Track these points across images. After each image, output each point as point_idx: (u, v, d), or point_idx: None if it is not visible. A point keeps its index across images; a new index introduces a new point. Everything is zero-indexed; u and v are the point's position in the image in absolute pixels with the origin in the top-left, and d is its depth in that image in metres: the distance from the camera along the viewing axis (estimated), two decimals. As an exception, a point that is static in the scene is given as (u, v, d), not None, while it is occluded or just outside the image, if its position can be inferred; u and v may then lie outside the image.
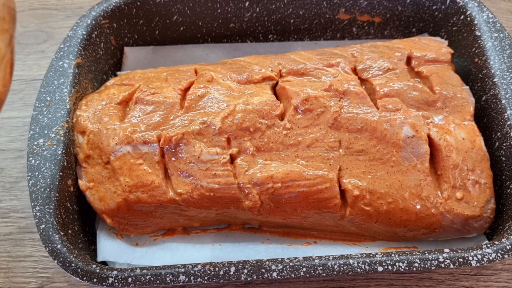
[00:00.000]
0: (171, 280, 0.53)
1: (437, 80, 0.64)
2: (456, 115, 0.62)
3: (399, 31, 0.80)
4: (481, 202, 0.59)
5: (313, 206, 0.59)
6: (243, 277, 0.53)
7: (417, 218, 0.59)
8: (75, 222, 0.61)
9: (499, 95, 0.63)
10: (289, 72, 0.66)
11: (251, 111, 0.60)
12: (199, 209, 0.60)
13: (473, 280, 0.65)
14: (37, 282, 0.66)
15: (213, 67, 0.68)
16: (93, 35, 0.70)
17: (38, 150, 0.60)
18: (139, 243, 0.64)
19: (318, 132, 0.60)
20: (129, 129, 0.60)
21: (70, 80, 0.65)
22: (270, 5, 0.76)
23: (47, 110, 0.62)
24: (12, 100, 0.82)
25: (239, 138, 0.60)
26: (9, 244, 0.69)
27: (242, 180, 0.58)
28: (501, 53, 0.66)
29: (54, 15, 0.92)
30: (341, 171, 0.59)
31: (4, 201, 0.72)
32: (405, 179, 0.59)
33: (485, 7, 0.70)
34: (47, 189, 0.57)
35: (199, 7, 0.75)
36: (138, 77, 0.68)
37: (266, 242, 0.64)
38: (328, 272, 0.53)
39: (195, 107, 0.62)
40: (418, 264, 0.53)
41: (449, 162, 0.59)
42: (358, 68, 0.65)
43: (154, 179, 0.59)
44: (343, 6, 0.77)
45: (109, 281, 0.53)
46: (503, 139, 0.62)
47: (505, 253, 0.53)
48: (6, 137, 0.78)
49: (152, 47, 0.78)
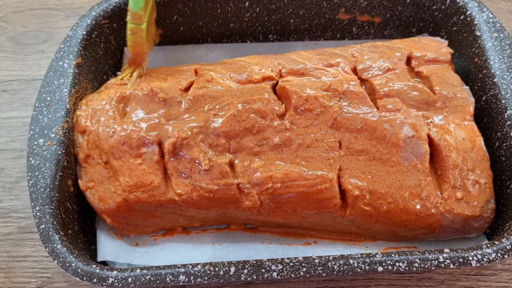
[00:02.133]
0: (171, 280, 0.53)
1: (437, 80, 0.64)
2: (456, 115, 0.62)
3: (399, 31, 0.80)
4: (481, 202, 0.59)
5: (313, 206, 0.59)
6: (243, 277, 0.53)
7: (417, 218, 0.59)
8: (75, 222, 0.61)
9: (499, 95, 0.63)
10: (289, 72, 0.66)
11: (251, 111, 0.60)
12: (198, 210, 0.60)
13: (473, 280, 0.65)
14: (37, 282, 0.66)
15: (213, 67, 0.68)
16: (93, 35, 0.70)
17: (38, 150, 0.60)
18: (139, 243, 0.64)
19: (318, 132, 0.60)
20: (129, 129, 0.60)
21: (70, 80, 0.65)
22: (270, 5, 0.76)
23: (47, 110, 0.62)
24: (12, 100, 0.82)
25: (239, 138, 0.60)
26: (9, 244, 0.69)
27: (242, 181, 0.58)
28: (501, 53, 0.66)
29: (54, 15, 0.92)
30: (341, 171, 0.59)
31: (4, 201, 0.72)
32: (405, 179, 0.59)
33: (485, 7, 0.70)
34: (47, 189, 0.57)
35: (199, 7, 0.75)
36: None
37: (266, 242, 0.64)
38: (328, 272, 0.53)
39: (195, 107, 0.62)
40: (418, 264, 0.53)
41: (449, 162, 0.59)
42: (358, 68, 0.65)
43: (154, 179, 0.59)
44: (343, 6, 0.77)
45: (109, 281, 0.53)
46: (503, 139, 0.62)
47: (505, 253, 0.53)
48: (6, 137, 0.78)
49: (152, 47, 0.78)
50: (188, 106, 0.62)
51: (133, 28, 0.65)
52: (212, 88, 0.63)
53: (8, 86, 0.84)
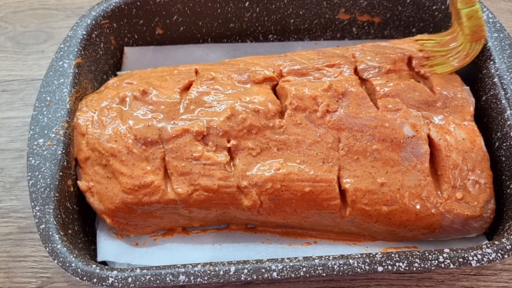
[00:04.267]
0: (171, 280, 0.53)
1: (437, 80, 0.64)
2: (456, 115, 0.62)
3: (399, 31, 0.80)
4: (481, 202, 0.59)
5: (313, 206, 0.59)
6: (243, 277, 0.53)
7: (417, 218, 0.59)
8: (75, 222, 0.61)
9: (499, 95, 0.63)
10: (289, 72, 0.66)
11: (251, 111, 0.60)
12: (198, 210, 0.60)
13: (473, 280, 0.65)
14: (37, 282, 0.66)
15: (213, 67, 0.68)
16: (93, 35, 0.70)
17: (38, 150, 0.60)
18: (139, 243, 0.64)
19: (318, 133, 0.60)
20: (129, 129, 0.60)
21: (70, 80, 0.65)
22: (270, 5, 0.76)
23: (47, 110, 0.62)
24: (12, 100, 0.82)
25: (239, 138, 0.60)
26: (9, 244, 0.69)
27: (242, 181, 0.58)
28: (501, 53, 0.66)
29: (54, 15, 0.92)
30: (341, 171, 0.59)
31: (4, 201, 0.72)
32: (405, 179, 0.59)
33: (485, 7, 0.70)
34: (47, 189, 0.57)
35: (199, 7, 0.75)
36: (138, 77, 0.68)
37: (266, 242, 0.64)
38: (328, 272, 0.53)
39: (195, 107, 0.62)
40: (418, 264, 0.53)
41: (449, 162, 0.59)
42: (359, 68, 0.65)
43: (154, 179, 0.59)
44: (343, 6, 0.77)
45: (109, 281, 0.53)
46: (503, 139, 0.62)
47: (505, 253, 0.53)
48: (6, 137, 0.78)
49: (152, 47, 0.78)
50: (188, 106, 0.62)
51: (468, 12, 0.62)
52: (212, 88, 0.63)
53: (8, 86, 0.84)
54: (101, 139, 0.61)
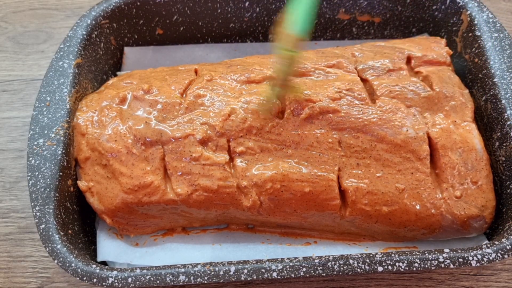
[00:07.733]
0: (171, 280, 0.53)
1: (436, 81, 0.64)
2: (456, 115, 0.62)
3: (399, 31, 0.80)
4: (481, 202, 0.59)
5: (312, 206, 0.59)
6: (243, 277, 0.53)
7: (417, 218, 0.59)
8: (75, 222, 0.61)
9: (499, 95, 0.63)
10: (289, 72, 0.66)
11: (251, 111, 0.60)
12: (198, 210, 0.60)
13: (473, 280, 0.65)
14: (37, 282, 0.66)
15: (213, 67, 0.68)
16: (93, 35, 0.70)
17: (38, 150, 0.60)
18: (139, 243, 0.64)
19: (318, 133, 0.60)
20: (129, 129, 0.60)
21: (70, 80, 0.65)
22: (270, 5, 0.76)
23: (47, 110, 0.62)
24: (12, 100, 0.82)
25: (239, 138, 0.60)
26: (9, 244, 0.69)
27: (242, 181, 0.58)
28: (501, 53, 0.66)
29: (54, 15, 0.92)
30: (341, 172, 0.59)
31: (4, 201, 0.72)
32: (405, 180, 0.59)
33: (485, 7, 0.70)
34: (47, 189, 0.57)
35: (199, 7, 0.75)
36: (138, 77, 0.68)
37: (266, 242, 0.64)
38: (328, 272, 0.53)
39: (195, 107, 0.62)
40: (418, 264, 0.53)
41: (449, 162, 0.59)
42: (359, 68, 0.65)
43: (154, 180, 0.59)
44: (343, 6, 0.77)
45: (109, 281, 0.53)
46: (503, 139, 0.62)
47: (505, 253, 0.53)
48: (6, 137, 0.78)
49: (152, 47, 0.78)
50: (188, 106, 0.62)
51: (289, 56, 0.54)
52: (212, 88, 0.63)
53: (8, 86, 0.84)
54: (101, 139, 0.61)
